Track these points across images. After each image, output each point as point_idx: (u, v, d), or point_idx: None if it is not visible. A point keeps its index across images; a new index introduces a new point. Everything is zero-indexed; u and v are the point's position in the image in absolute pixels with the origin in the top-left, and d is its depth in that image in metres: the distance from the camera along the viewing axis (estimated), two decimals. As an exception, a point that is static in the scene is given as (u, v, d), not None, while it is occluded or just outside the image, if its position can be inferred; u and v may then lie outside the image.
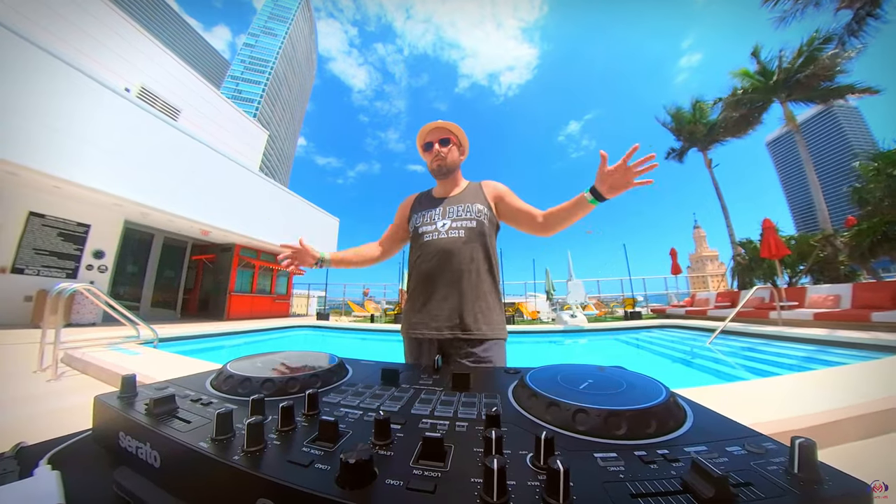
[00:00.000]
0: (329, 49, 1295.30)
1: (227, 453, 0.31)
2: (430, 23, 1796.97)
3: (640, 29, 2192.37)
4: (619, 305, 13.89)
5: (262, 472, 0.27)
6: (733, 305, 8.07)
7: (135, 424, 0.38)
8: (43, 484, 0.32)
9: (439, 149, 1.32)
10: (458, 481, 0.26)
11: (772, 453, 0.30)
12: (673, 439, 0.34)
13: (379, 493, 0.25)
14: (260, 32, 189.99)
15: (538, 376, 0.52)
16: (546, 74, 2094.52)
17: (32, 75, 5.53)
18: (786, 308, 6.67)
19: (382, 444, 0.32)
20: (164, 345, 4.49)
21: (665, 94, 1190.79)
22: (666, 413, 0.37)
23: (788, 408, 1.36)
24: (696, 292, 11.09)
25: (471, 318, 1.15)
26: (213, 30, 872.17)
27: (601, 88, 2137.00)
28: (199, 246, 11.55)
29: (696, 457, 0.27)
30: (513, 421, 0.39)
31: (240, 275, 11.62)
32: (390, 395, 0.48)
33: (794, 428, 1.20)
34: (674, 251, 12.48)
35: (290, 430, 0.36)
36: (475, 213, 1.26)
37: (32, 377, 2.53)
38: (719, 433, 0.36)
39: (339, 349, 7.02)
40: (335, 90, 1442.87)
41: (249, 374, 0.51)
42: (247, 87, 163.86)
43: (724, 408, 1.36)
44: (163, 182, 7.72)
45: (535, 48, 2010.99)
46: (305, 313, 16.64)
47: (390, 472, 0.28)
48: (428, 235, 1.27)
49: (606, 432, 0.35)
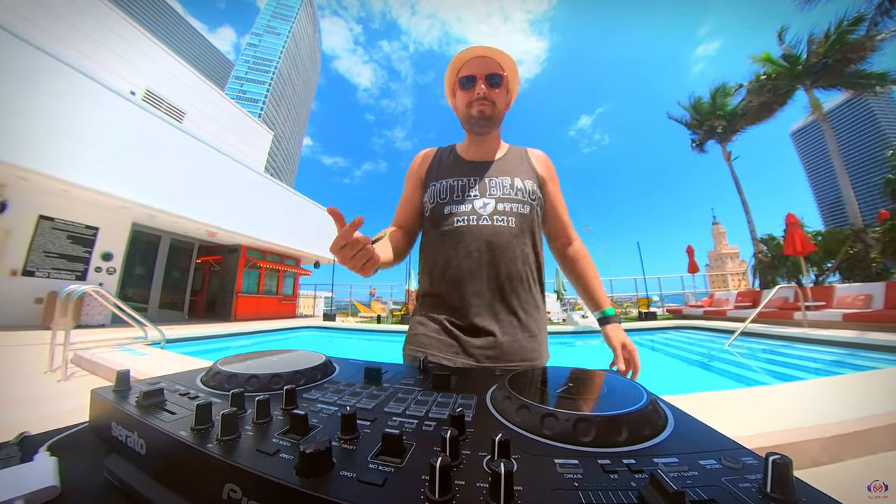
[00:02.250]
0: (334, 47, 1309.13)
1: (202, 441, 0.33)
2: (435, 18, 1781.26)
3: (654, 17, 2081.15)
4: (634, 305, 13.70)
5: (230, 459, 0.30)
6: (754, 305, 7.89)
7: (125, 415, 0.41)
8: (41, 468, 0.35)
9: (487, 90, 0.95)
10: (410, 477, 0.27)
11: (749, 469, 0.29)
12: (644, 449, 0.34)
13: (331, 483, 0.26)
14: (263, 32, 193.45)
15: (521, 378, 0.53)
16: (555, 68, 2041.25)
17: (41, 80, 5.77)
18: (812, 308, 6.48)
19: (347, 438, 0.34)
20: (171, 345, 4.64)
21: (681, 85, 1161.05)
22: (640, 421, 0.37)
23: (798, 417, 1.31)
24: (715, 291, 10.86)
25: (516, 345, 0.89)
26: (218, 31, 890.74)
27: (613, 81, 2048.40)
28: (206, 247, 11.85)
29: (656, 469, 0.27)
30: (483, 423, 0.40)
31: (246, 276, 11.88)
32: (369, 393, 0.50)
33: (797, 440, 1.15)
34: (690, 249, 12.25)
35: (265, 423, 0.38)
36: (529, 194, 0.96)
37: (43, 377, 2.65)
38: (698, 444, 0.35)
39: (345, 350, 7.12)
40: (341, 89, 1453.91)
41: (236, 371, 0.55)
42: (251, 88, 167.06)
43: (728, 415, 1.33)
44: (169, 184, 7.96)
45: (544, 40, 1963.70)
46: (312, 314, 16.92)
47: (347, 465, 0.29)
48: (461, 219, 0.93)
49: (574, 438, 0.35)
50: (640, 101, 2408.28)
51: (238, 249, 11.58)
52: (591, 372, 0.59)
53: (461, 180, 0.98)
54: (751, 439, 1.14)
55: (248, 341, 6.89)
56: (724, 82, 14.68)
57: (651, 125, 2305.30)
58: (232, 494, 0.29)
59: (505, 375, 0.53)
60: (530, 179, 0.99)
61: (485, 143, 1.04)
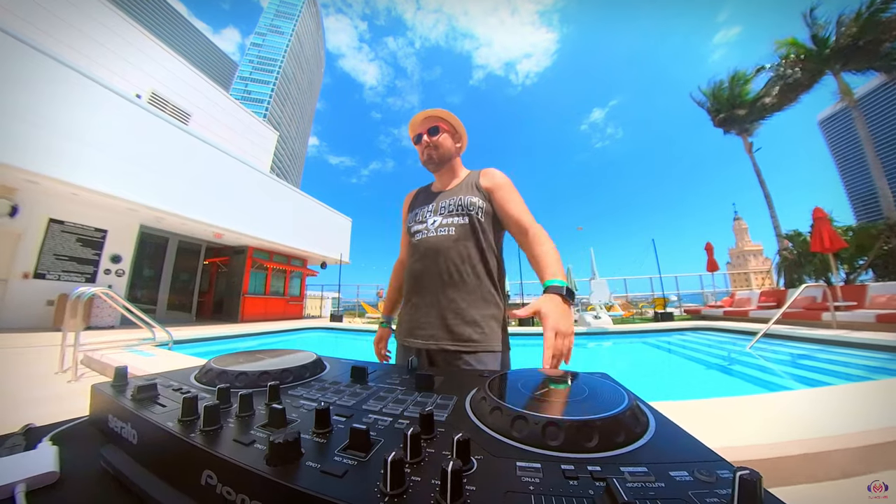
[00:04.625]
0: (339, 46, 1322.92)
1: (186, 431, 0.37)
2: (441, 13, 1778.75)
3: (669, 2, 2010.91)
4: (649, 306, 13.47)
5: (208, 448, 0.33)
6: (779, 306, 7.68)
7: (121, 408, 0.45)
8: (42, 456, 0.40)
9: (428, 139, 1.26)
10: (371, 471, 0.29)
11: (722, 483, 0.28)
12: (614, 456, 0.34)
13: (296, 472, 0.29)
14: (267, 31, 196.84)
15: (504, 380, 0.54)
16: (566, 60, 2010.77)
17: (49, 86, 6.01)
18: (842, 309, 6.28)
19: (321, 432, 0.37)
20: (178, 347, 4.78)
21: (699, 74, 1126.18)
22: (613, 427, 0.36)
23: (818, 426, 1.23)
24: (737, 291, 10.60)
25: (460, 327, 1.08)
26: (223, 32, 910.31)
27: (627, 72, 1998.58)
28: (213, 249, 12.14)
29: (614, 478, 0.27)
30: (456, 423, 0.42)
31: (253, 277, 12.13)
32: (352, 391, 0.53)
33: (815, 451, 1.07)
34: (709, 246, 11.97)
35: (247, 416, 0.41)
36: (467, 207, 1.18)
37: (54, 378, 2.78)
38: (674, 455, 0.34)
39: (351, 351, 7.22)
40: (346, 88, 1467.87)
41: (226, 368, 0.58)
42: (256, 88, 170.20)
43: (739, 422, 1.30)
44: (175, 186, 8.20)
45: (554, 32, 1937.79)
46: (319, 315, 17.16)
47: (315, 456, 0.32)
48: (419, 234, 1.22)
49: (542, 442, 0.35)
50: (655, 92, 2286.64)
51: (245, 251, 11.83)
52: (581, 375, 0.58)
53: (424, 207, 1.29)
54: (752, 450, 1.09)
55: (255, 342, 7.04)
56: (742, 69, 14.24)
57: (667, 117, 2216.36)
58: (209, 480, 0.32)
59: (490, 377, 0.54)
60: (473, 195, 1.20)
61: (444, 177, 1.34)
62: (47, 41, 7.89)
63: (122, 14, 10.52)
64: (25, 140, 5.63)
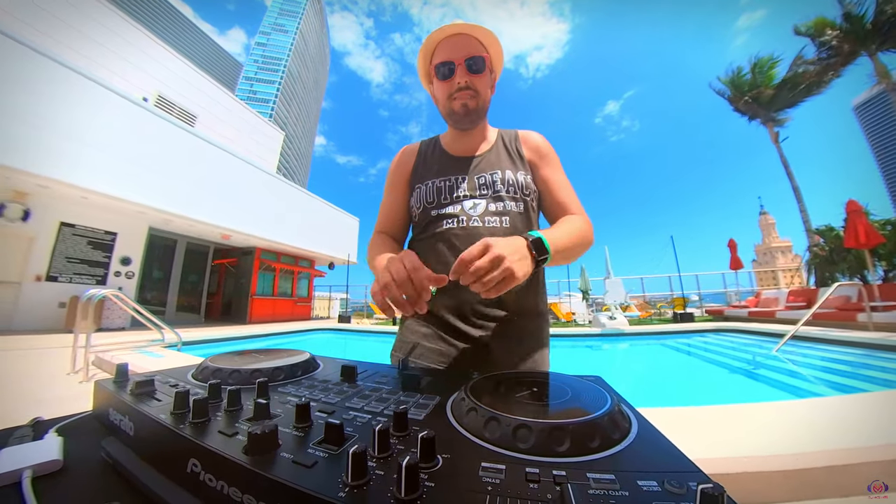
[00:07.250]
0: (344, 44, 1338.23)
1: (176, 423, 0.41)
2: (448, 6, 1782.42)
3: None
4: (668, 306, 13.22)
5: (194, 438, 0.37)
6: (809, 306, 7.44)
7: (120, 402, 0.50)
8: (48, 446, 0.44)
9: (470, 78, 0.87)
10: (340, 464, 0.32)
11: (690, 496, 0.28)
12: (583, 462, 0.34)
13: (270, 462, 0.32)
14: (271, 30, 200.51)
15: (487, 382, 0.55)
16: (578, 51, 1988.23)
17: (57, 91, 6.29)
18: (879, 309, 6.04)
19: (301, 426, 0.39)
20: (187, 348, 4.95)
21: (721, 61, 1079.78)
22: (588, 431, 0.37)
23: (840, 436, 1.15)
24: (763, 290, 10.31)
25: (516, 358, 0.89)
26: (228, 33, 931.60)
27: (643, 61, 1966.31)
28: (221, 250, 12.48)
29: (569, 484, 0.27)
30: (432, 423, 0.44)
31: (261, 278, 12.42)
32: (339, 389, 0.56)
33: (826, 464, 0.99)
34: (733, 243, 11.67)
35: (235, 411, 0.45)
36: (521, 189, 0.92)
37: (66, 379, 2.92)
38: (647, 463, 0.34)
39: (358, 352, 7.31)
40: (353, 86, 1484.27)
41: (221, 366, 0.62)
42: (261, 88, 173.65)
43: (753, 430, 1.25)
44: (183, 188, 8.48)
45: (566, 22, 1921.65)
46: (328, 315, 17.44)
47: (290, 448, 0.35)
48: (451, 222, 0.90)
49: (512, 444, 0.36)
50: (673, 82, 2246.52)
51: (252, 252, 12.12)
52: (571, 378, 0.59)
53: (448, 180, 0.94)
54: (757, 461, 1.01)
55: (263, 344, 7.22)
56: (764, 55, 13.77)
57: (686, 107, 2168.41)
58: (194, 468, 0.35)
59: (476, 378, 0.56)
60: (522, 171, 0.94)
61: (472, 136, 0.98)
62: (50, 43, 8.20)
63: (126, 17, 10.87)
64: (35, 145, 5.90)
